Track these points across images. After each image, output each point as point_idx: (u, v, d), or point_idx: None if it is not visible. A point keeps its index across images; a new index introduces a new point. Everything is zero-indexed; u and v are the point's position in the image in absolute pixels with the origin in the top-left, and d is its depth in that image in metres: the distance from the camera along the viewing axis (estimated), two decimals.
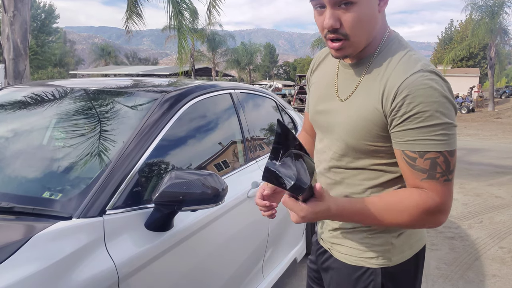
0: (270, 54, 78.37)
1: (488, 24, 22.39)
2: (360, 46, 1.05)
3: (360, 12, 0.99)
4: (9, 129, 1.86)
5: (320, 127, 1.21)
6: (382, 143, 1.05)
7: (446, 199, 1.00)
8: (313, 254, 1.38)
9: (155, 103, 1.74)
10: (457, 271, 3.23)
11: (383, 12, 1.06)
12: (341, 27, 1.01)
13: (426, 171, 0.98)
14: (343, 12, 0.99)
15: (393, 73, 1.01)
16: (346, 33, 1.01)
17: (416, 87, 0.96)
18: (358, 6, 0.98)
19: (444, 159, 0.97)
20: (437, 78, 0.98)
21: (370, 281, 1.15)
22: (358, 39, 1.03)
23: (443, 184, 0.99)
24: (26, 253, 1.10)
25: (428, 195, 0.99)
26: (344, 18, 1.00)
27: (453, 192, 1.03)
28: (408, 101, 0.96)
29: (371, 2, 1.00)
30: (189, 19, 8.76)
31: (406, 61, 1.03)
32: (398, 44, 1.08)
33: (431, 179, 0.99)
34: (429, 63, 1.02)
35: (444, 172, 0.98)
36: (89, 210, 1.30)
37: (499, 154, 8.96)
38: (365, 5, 0.99)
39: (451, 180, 1.00)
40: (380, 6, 1.03)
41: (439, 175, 0.98)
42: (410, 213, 0.99)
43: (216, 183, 1.40)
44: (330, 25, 1.00)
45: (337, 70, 1.17)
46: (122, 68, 37.41)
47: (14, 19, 5.32)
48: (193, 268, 1.62)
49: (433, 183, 0.99)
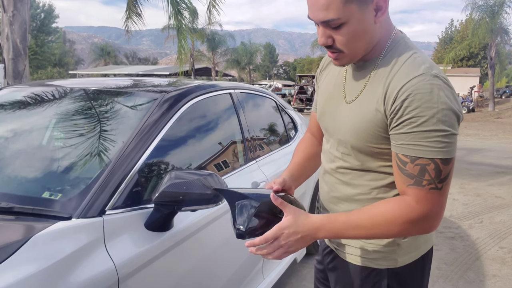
0: (270, 54, 78.36)
1: (489, 23, 22.38)
2: (357, 57, 1.06)
3: (351, 29, 0.99)
4: (8, 129, 1.86)
5: (327, 127, 1.21)
6: (386, 145, 1.04)
7: (431, 207, 0.97)
8: (319, 255, 1.38)
9: (155, 103, 1.74)
10: (457, 271, 3.22)
11: (386, 16, 1.04)
12: (334, 44, 1.02)
13: (414, 176, 0.97)
14: (334, 31, 1.00)
15: (396, 75, 1.01)
16: (340, 49, 1.03)
17: (416, 91, 0.95)
18: (348, 26, 0.98)
19: (435, 167, 0.94)
20: (440, 82, 0.96)
21: (376, 282, 1.15)
22: (353, 52, 1.04)
23: (428, 192, 0.96)
24: (26, 253, 1.10)
25: (407, 206, 0.98)
26: (336, 37, 1.01)
27: (442, 201, 0.99)
28: (406, 104, 0.95)
29: (363, 18, 0.98)
30: (188, 19, 8.76)
31: (410, 63, 1.01)
32: (404, 45, 1.06)
33: (417, 185, 0.97)
34: (433, 66, 1.00)
35: (432, 180, 0.95)
36: (88, 210, 1.30)
37: (500, 154, 8.96)
38: (356, 22, 0.98)
39: (441, 189, 0.97)
40: (377, 17, 1.01)
41: (426, 182, 0.96)
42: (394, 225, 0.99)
43: (216, 183, 1.39)
44: (322, 43, 1.03)
45: (345, 71, 1.17)
46: (122, 68, 37.42)
47: (14, 19, 5.31)
48: (193, 268, 1.62)
49: (417, 190, 0.97)
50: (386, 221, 0.99)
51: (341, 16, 0.96)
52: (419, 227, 1.00)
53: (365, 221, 1.01)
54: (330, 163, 1.20)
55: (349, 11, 0.96)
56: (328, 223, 1.03)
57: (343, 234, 1.03)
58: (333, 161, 1.19)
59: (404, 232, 1.01)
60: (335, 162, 1.17)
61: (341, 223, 1.02)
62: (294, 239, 1.01)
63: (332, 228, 1.02)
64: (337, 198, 1.19)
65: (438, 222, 1.00)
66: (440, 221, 1.02)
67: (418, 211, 0.97)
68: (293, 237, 1.01)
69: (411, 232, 1.02)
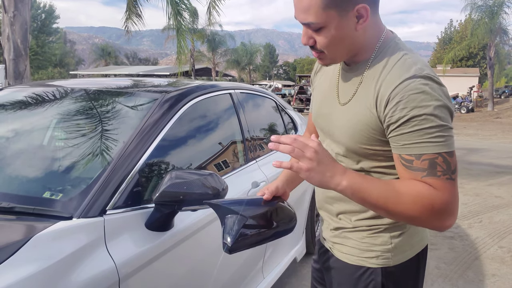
0: (270, 54, 78.34)
1: (488, 24, 22.39)
2: (338, 59, 1.09)
3: (330, 34, 1.01)
4: (9, 129, 1.86)
5: (322, 129, 1.22)
6: (380, 147, 1.05)
7: (451, 197, 0.95)
8: (316, 254, 1.39)
9: (155, 103, 1.74)
10: (457, 270, 3.23)
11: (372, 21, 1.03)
12: (315, 45, 1.05)
13: (425, 169, 0.96)
14: (315, 33, 1.02)
15: (387, 78, 1.01)
16: (321, 50, 1.05)
17: (408, 93, 0.95)
18: (327, 30, 1.00)
19: (444, 160, 0.95)
20: (431, 83, 0.97)
21: (370, 281, 1.15)
22: (333, 55, 1.06)
23: (446, 181, 0.95)
24: (26, 253, 1.10)
25: (432, 190, 0.95)
26: (317, 39, 1.03)
27: (457, 195, 0.97)
28: (401, 106, 0.96)
29: (342, 24, 0.99)
30: (188, 20, 8.77)
31: (400, 65, 1.01)
32: (394, 47, 1.06)
33: (432, 176, 0.95)
34: (424, 67, 1.00)
35: (445, 170, 0.95)
36: (89, 210, 1.30)
37: (499, 154, 8.96)
38: (334, 28, 1.00)
39: (455, 180, 0.96)
40: (359, 24, 1.00)
41: (440, 173, 0.95)
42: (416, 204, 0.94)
43: (216, 183, 1.40)
44: (304, 43, 1.06)
45: (338, 73, 1.18)
46: (122, 68, 37.42)
47: (15, 19, 5.32)
48: (193, 268, 1.62)
49: (434, 179, 0.95)
50: (409, 197, 0.95)
51: (319, 21, 0.98)
52: (437, 216, 0.95)
53: (389, 190, 0.96)
54: None
55: (328, 17, 0.98)
56: (352, 173, 0.98)
57: (363, 193, 0.96)
58: None
59: (422, 215, 0.95)
60: None
61: (366, 181, 0.97)
62: (317, 161, 0.94)
63: (355, 180, 0.96)
64: (332, 198, 1.20)
65: (453, 219, 0.97)
66: (455, 220, 0.98)
67: (440, 197, 0.94)
68: (318, 159, 0.94)
69: (428, 219, 0.96)
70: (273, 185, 1.22)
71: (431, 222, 0.97)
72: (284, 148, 0.95)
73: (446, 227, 0.98)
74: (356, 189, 0.96)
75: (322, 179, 0.96)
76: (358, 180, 0.97)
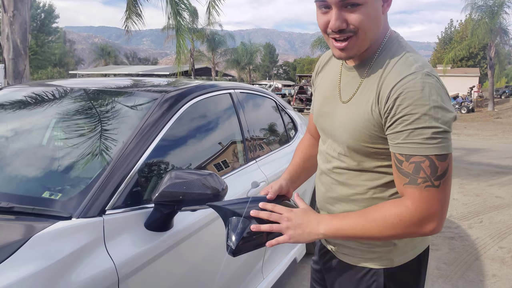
0: (270, 54, 78.38)
1: (488, 24, 22.39)
2: (365, 45, 1.05)
3: (366, 13, 1.00)
4: (9, 129, 1.86)
5: (323, 129, 1.22)
6: (382, 145, 1.05)
7: (428, 207, 0.96)
8: (316, 255, 1.38)
9: (155, 103, 1.74)
10: (457, 271, 3.23)
11: (385, 13, 1.07)
12: (348, 27, 1.01)
13: (409, 175, 0.97)
14: (349, 13, 1.00)
15: (389, 75, 1.02)
16: (353, 30, 1.01)
17: (407, 89, 0.96)
18: (364, 8, 0.99)
19: (430, 164, 0.94)
20: (432, 81, 0.97)
21: (372, 282, 1.15)
22: (364, 37, 1.02)
23: (423, 190, 0.95)
24: (26, 253, 1.10)
25: (404, 207, 0.97)
26: (350, 19, 1.00)
27: (441, 200, 0.97)
28: (398, 102, 0.96)
29: (376, 4, 1.01)
30: (188, 20, 8.76)
31: (402, 63, 1.03)
32: (397, 45, 1.08)
33: (412, 184, 0.96)
34: (425, 65, 1.01)
35: (427, 177, 0.95)
36: (89, 210, 1.30)
37: (499, 154, 8.96)
38: (371, 6, 1.00)
39: (439, 187, 0.95)
40: (384, 8, 1.04)
41: (420, 180, 0.95)
42: (392, 228, 0.99)
43: (216, 183, 1.40)
44: (337, 26, 1.00)
45: (340, 72, 1.18)
46: (122, 68, 37.41)
47: (14, 19, 5.31)
48: (193, 268, 1.62)
49: (412, 189, 0.97)
50: (380, 221, 1.00)
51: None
52: (418, 229, 0.98)
53: (363, 222, 1.02)
54: (326, 164, 1.21)
55: None
56: (326, 217, 1.07)
57: (344, 230, 1.04)
58: (329, 161, 1.19)
59: (403, 235, 1.01)
60: (332, 163, 1.18)
61: (343, 220, 1.05)
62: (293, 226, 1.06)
63: (332, 223, 1.06)
64: (333, 199, 1.19)
65: (440, 223, 0.98)
66: (443, 222, 0.98)
67: (412, 212, 0.96)
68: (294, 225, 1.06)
69: (411, 234, 1.01)
70: (276, 184, 1.22)
71: (415, 234, 1.01)
72: (265, 227, 1.06)
73: (430, 232, 0.99)
74: (337, 229, 1.04)
75: (305, 237, 1.06)
76: (335, 222, 1.05)
